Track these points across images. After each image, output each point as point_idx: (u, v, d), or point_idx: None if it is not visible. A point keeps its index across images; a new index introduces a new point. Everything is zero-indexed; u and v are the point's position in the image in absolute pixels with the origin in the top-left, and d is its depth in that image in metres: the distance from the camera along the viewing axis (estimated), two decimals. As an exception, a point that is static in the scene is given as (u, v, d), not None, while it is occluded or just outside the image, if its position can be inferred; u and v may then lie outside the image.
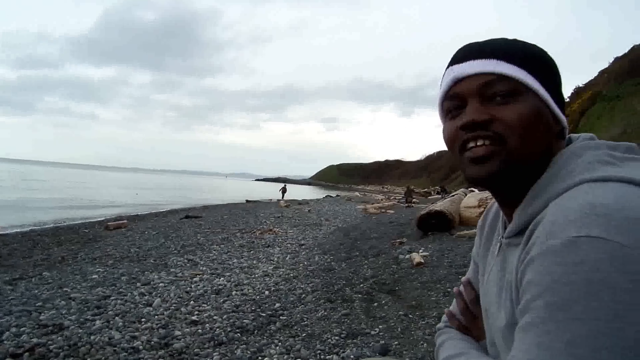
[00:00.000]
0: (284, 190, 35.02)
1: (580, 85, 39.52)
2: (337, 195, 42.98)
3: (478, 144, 0.70)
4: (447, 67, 0.77)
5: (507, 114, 0.69)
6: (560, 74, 0.77)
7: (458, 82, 0.73)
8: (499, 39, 0.76)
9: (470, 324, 0.95)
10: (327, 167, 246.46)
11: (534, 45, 0.76)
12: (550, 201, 0.65)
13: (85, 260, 7.25)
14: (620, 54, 35.86)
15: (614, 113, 28.87)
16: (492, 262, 0.85)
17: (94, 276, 5.94)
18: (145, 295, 4.97)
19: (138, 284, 5.50)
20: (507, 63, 0.70)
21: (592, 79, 39.22)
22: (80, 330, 3.78)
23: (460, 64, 0.74)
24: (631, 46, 34.32)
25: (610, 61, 37.03)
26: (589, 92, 34.26)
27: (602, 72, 37.75)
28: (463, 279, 1.04)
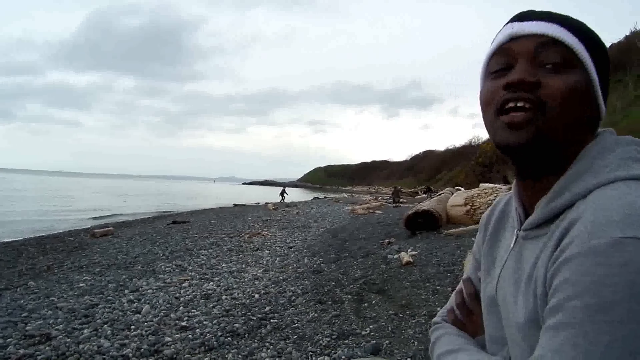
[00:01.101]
0: (283, 193, 35.26)
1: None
2: (325, 197, 43.00)
3: (519, 104, 0.68)
4: (506, 23, 0.75)
5: (555, 82, 0.67)
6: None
7: (514, 39, 0.71)
8: (566, 16, 0.74)
9: (466, 320, 0.95)
10: (314, 169, 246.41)
11: (589, 28, 0.74)
12: (582, 196, 0.64)
13: (71, 269, 7.15)
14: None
15: (595, 110, 29.39)
16: (504, 256, 0.82)
17: (80, 284, 5.87)
18: (134, 302, 4.92)
19: (126, 291, 5.45)
20: (568, 31, 0.69)
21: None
22: (68, 340, 3.73)
23: (522, 22, 0.72)
24: (609, 44, 34.86)
25: (590, 59, 37.71)
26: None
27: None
28: (464, 276, 1.03)
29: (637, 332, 0.51)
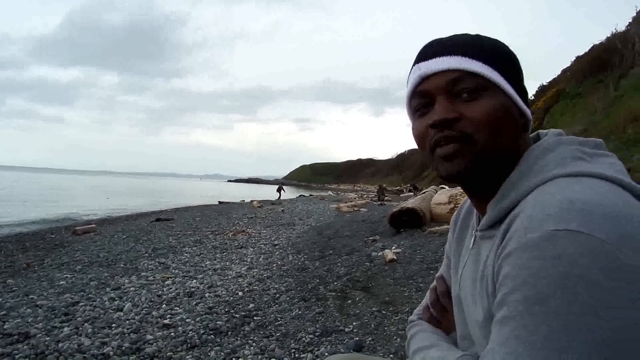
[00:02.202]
0: (280, 189, 34.87)
1: (545, 84, 40.56)
2: (311, 195, 43.01)
3: (449, 141, 0.71)
4: (414, 64, 0.77)
5: (474, 111, 0.70)
6: (522, 67, 0.78)
7: (425, 79, 0.74)
8: (463, 34, 0.77)
9: (441, 317, 0.97)
10: (300, 167, 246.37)
11: (497, 41, 0.77)
12: (525, 194, 0.66)
13: (52, 267, 7.04)
14: (581, 53, 36.94)
15: (576, 110, 29.77)
16: (466, 255, 0.85)
17: (61, 282, 5.78)
18: (116, 300, 4.86)
19: (108, 289, 5.38)
20: (473, 59, 0.71)
21: (555, 77, 40.27)
22: (47, 338, 3.68)
23: (427, 61, 0.74)
24: (591, 45, 35.40)
25: (572, 60, 38.14)
26: (552, 90, 35.20)
27: (564, 71, 38.83)
28: (437, 274, 1.05)
29: (572, 322, 0.52)
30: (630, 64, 27.54)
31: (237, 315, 4.29)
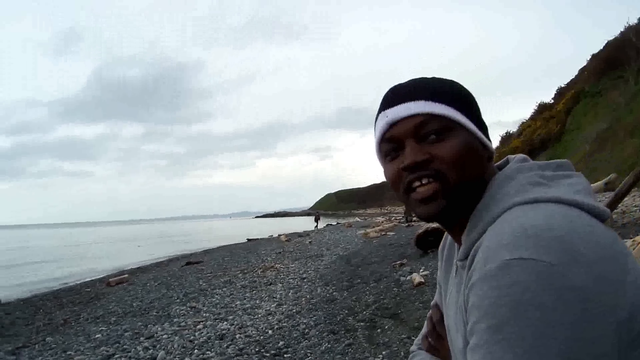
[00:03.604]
0: (317, 219, 39.19)
1: (563, 85, 40.00)
2: (338, 223, 42.85)
3: (423, 182, 0.74)
4: (379, 111, 0.81)
5: (443, 151, 0.73)
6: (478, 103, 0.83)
7: (393, 125, 0.77)
8: (422, 79, 0.81)
9: (438, 345, 0.98)
10: (325, 196, 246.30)
11: (455, 82, 0.81)
12: (488, 225, 0.69)
13: (87, 321, 7.20)
14: (596, 51, 36.41)
15: (598, 109, 29.16)
16: (451, 284, 0.88)
17: (97, 335, 5.91)
18: (149, 349, 4.94)
19: (141, 339, 5.47)
20: (436, 102, 0.75)
21: (573, 78, 39.67)
22: (84, 394, 3.76)
23: (393, 108, 0.77)
24: (605, 42, 34.87)
25: (588, 59, 37.60)
26: (571, 92, 34.66)
27: (582, 70, 38.24)
28: (432, 302, 1.08)
29: (528, 348, 0.55)
30: (648, 56, 27.01)
31: (267, 355, 4.30)
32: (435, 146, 0.74)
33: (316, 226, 35.15)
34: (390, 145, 0.79)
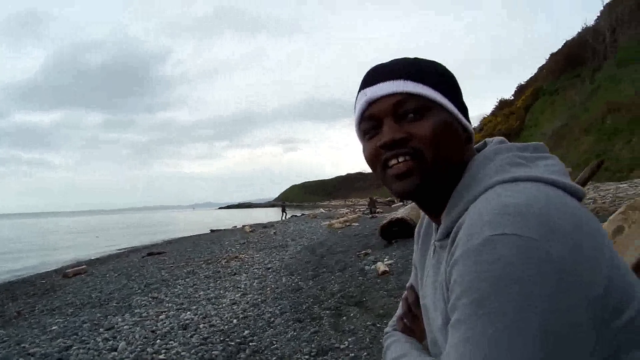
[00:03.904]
0: (284, 209, 39.96)
1: (523, 83, 41.24)
2: (303, 214, 42.88)
3: (399, 160, 0.75)
4: (359, 90, 0.82)
5: (421, 130, 0.74)
6: (460, 85, 0.83)
7: (372, 103, 0.78)
8: (404, 59, 0.81)
9: (414, 326, 0.99)
10: (290, 187, 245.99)
11: (436, 62, 0.82)
12: (470, 204, 0.70)
13: (43, 312, 6.94)
14: (555, 50, 37.73)
15: (555, 107, 30.28)
16: (428, 265, 0.88)
17: (53, 327, 5.70)
18: (109, 341, 4.80)
19: (101, 330, 5.32)
20: (414, 82, 0.76)
21: (532, 76, 40.94)
22: (40, 386, 3.62)
23: (372, 87, 0.78)
24: (564, 42, 36.18)
25: (547, 57, 38.93)
26: (531, 89, 35.79)
27: (541, 68, 39.57)
28: (407, 283, 1.08)
29: (514, 320, 0.55)
30: (603, 56, 28.21)
31: (232, 343, 4.26)
32: (413, 125, 0.75)
33: (284, 216, 35.98)
34: (369, 123, 0.79)
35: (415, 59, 0.81)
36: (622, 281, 0.62)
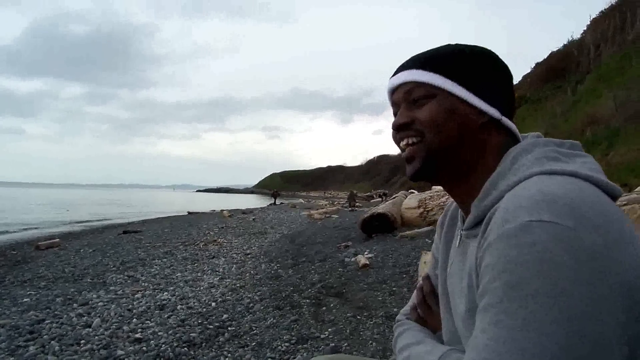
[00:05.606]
0: (275, 196, 41.34)
1: (507, 89, 41.85)
2: (282, 203, 42.82)
3: (408, 142, 0.83)
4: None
5: (421, 114, 0.81)
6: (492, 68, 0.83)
7: (393, 92, 0.87)
8: (433, 49, 0.86)
9: (427, 316, 1.00)
10: (270, 175, 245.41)
11: (456, 48, 0.84)
12: (505, 193, 0.71)
13: (14, 284, 6.76)
14: (540, 60, 38.34)
15: (537, 115, 30.84)
16: (453, 254, 0.90)
17: (25, 300, 5.56)
18: (84, 316, 4.71)
19: (75, 305, 5.21)
20: (420, 70, 0.82)
21: (517, 84, 41.57)
22: (11, 358, 3.54)
23: (393, 77, 0.87)
24: (549, 52, 36.77)
25: (532, 66, 39.56)
26: (515, 96, 36.36)
27: (525, 77, 40.20)
28: (423, 274, 1.09)
29: (547, 304, 0.56)
30: (586, 70, 28.77)
31: (210, 327, 4.23)
32: (418, 110, 0.82)
33: (273, 202, 37.82)
34: (393, 109, 0.88)
35: (441, 47, 0.86)
36: None
